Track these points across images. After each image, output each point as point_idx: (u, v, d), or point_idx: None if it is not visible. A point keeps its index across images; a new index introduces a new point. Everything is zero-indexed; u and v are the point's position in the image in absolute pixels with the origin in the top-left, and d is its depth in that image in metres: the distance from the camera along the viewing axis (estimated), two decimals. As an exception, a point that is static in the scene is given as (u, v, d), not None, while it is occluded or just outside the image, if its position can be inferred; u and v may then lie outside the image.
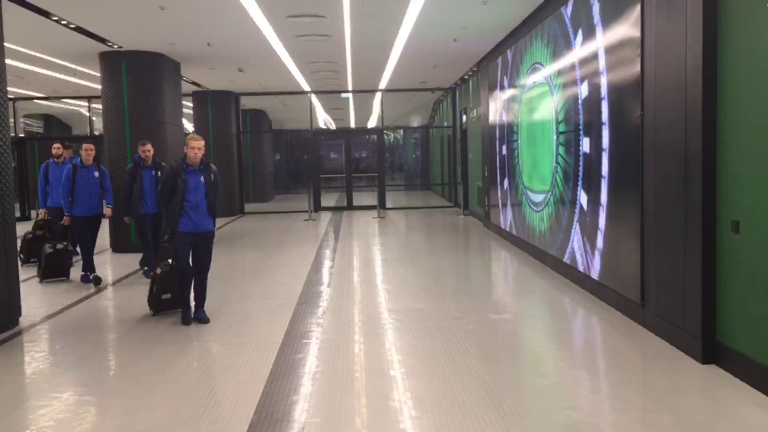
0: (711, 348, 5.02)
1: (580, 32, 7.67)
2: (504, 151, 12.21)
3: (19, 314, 6.89)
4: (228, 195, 18.47)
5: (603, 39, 6.97)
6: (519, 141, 11.00)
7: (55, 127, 24.30)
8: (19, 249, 9.46)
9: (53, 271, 9.23)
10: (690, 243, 5.20)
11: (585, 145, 7.61)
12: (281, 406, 4.48)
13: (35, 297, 8.18)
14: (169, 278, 6.87)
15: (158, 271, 6.93)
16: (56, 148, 10.28)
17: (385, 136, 30.39)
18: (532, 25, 9.79)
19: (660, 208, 5.75)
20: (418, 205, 20.57)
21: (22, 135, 21.66)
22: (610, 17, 6.77)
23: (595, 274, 7.31)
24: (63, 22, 9.47)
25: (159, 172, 8.61)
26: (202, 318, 6.66)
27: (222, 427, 4.15)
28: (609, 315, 6.64)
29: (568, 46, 8.12)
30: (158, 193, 6.82)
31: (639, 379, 4.95)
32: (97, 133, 18.94)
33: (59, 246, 9.21)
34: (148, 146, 9.01)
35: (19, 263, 8.61)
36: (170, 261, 6.86)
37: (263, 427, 4.14)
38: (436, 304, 7.30)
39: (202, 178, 6.49)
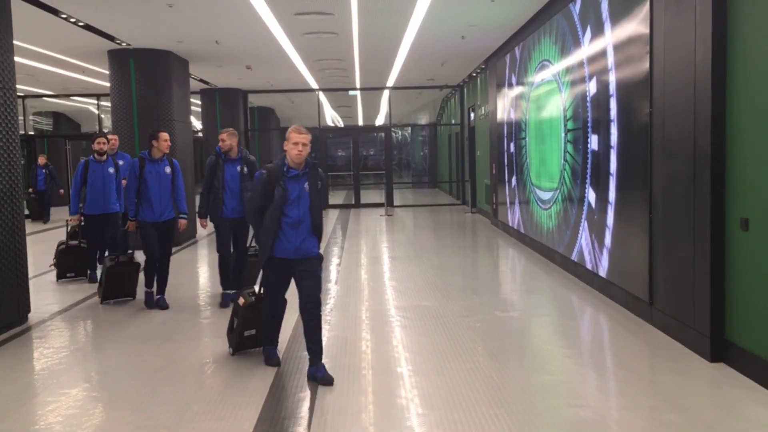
0: (720, 346, 5.00)
1: (588, 29, 7.64)
2: (512, 149, 12.19)
3: (28, 311, 6.92)
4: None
5: (612, 36, 6.94)
6: (527, 138, 10.97)
7: (64, 124, 24.40)
8: (53, 261, 9.12)
9: (117, 289, 7.57)
10: (699, 241, 5.18)
11: (593, 142, 7.58)
12: (288, 403, 4.48)
13: (44, 294, 8.21)
14: (254, 311, 5.41)
15: (241, 301, 5.45)
16: (101, 143, 8.50)
17: (393, 134, 30.36)
18: (540, 22, 9.76)
19: (669, 206, 5.72)
20: (426, 203, 20.54)
21: (31, 133, 21.77)
22: (618, 14, 6.73)
23: (603, 272, 7.28)
24: (72, 20, 9.49)
25: (246, 168, 7.13)
26: (323, 377, 4.81)
27: (229, 423, 4.16)
28: (617, 313, 6.61)
29: (577, 43, 8.09)
30: (247, 203, 5.29)
31: (647, 377, 4.93)
32: (105, 130, 19.01)
33: (123, 258, 7.58)
34: (225, 134, 7.16)
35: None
36: (257, 289, 5.45)
37: (270, 423, 4.14)
38: (443, 301, 7.30)
39: (306, 186, 4.89)
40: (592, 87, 7.59)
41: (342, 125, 31.60)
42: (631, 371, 4.99)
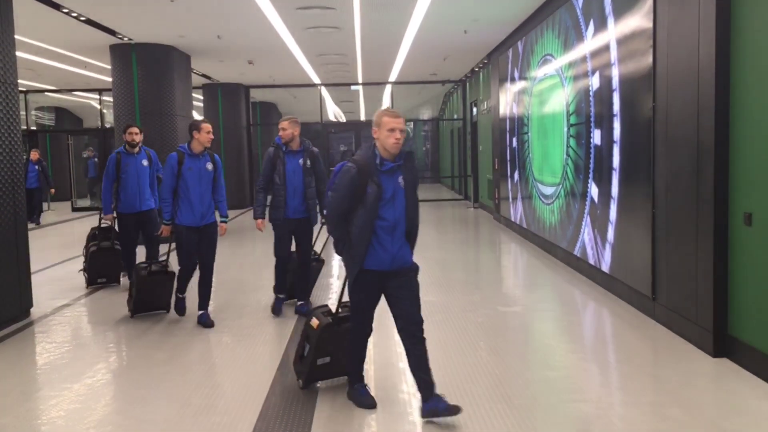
0: (722, 341, 4.98)
1: (591, 23, 7.61)
2: (514, 144, 12.16)
3: (31, 305, 6.93)
4: (238, 186, 18.54)
5: (615, 30, 6.91)
6: (529, 133, 10.95)
7: (67, 119, 24.41)
8: (83, 265, 8.23)
9: (149, 301, 6.68)
10: (702, 236, 5.16)
11: (596, 137, 7.56)
12: (291, 397, 4.48)
13: (47, 288, 8.22)
14: (330, 335, 4.44)
15: (314, 323, 4.47)
16: (134, 133, 7.71)
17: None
18: (543, 16, 9.72)
19: (672, 201, 5.71)
20: (428, 198, 20.52)
21: (33, 128, 21.78)
22: (622, 7, 6.70)
23: (605, 267, 7.27)
24: (73, 15, 9.48)
25: (309, 161, 6.37)
26: (447, 408, 3.96)
27: (231, 418, 4.16)
28: (619, 308, 6.60)
29: (580, 37, 8.06)
30: (330, 206, 4.13)
31: (649, 372, 4.92)
32: (108, 125, 19.02)
33: (155, 267, 6.63)
34: (286, 122, 6.36)
35: (84, 281, 8.10)
36: (332, 307, 4.56)
37: (272, 418, 4.14)
38: (445, 296, 7.29)
39: (401, 181, 4.07)
40: (595, 81, 7.56)
41: (344, 120, 31.57)
42: (633, 366, 4.98)
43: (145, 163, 7.73)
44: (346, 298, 4.39)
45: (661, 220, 5.91)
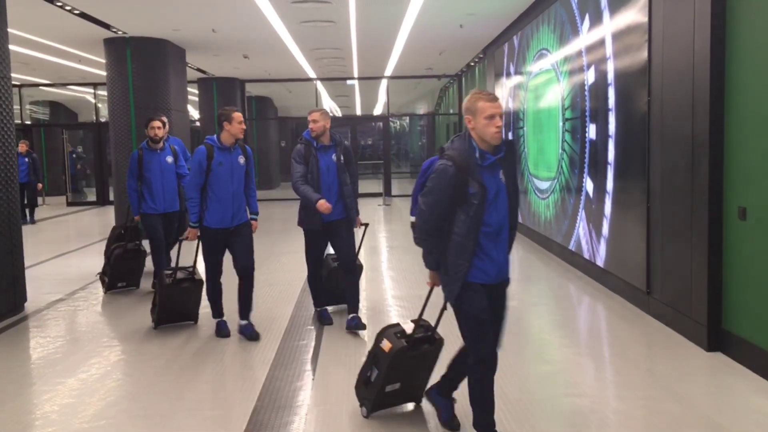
0: (716, 335, 4.99)
1: (587, 17, 7.60)
2: (510, 138, 12.15)
3: (25, 299, 6.91)
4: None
5: (610, 24, 6.90)
6: (525, 128, 10.94)
7: (61, 114, 24.32)
8: (102, 269, 7.58)
9: (175, 312, 6.07)
10: (696, 230, 5.16)
11: (591, 131, 7.56)
12: (284, 392, 4.48)
13: (41, 282, 8.20)
14: (404, 359, 3.88)
15: (386, 346, 3.87)
16: (156, 127, 7.03)
17: (391, 124, 30.28)
18: (538, 10, 9.71)
19: (666, 195, 5.71)
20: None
21: (28, 122, 21.69)
22: (617, 2, 6.69)
23: (600, 262, 7.27)
24: (67, 8, 9.43)
25: (343, 156, 5.79)
26: None
27: (225, 412, 4.15)
28: (614, 302, 6.61)
29: (575, 31, 8.05)
30: (422, 213, 3.44)
31: (644, 366, 4.93)
32: (103, 119, 18.95)
33: (182, 275, 5.96)
34: (317, 114, 5.77)
35: (101, 288, 7.54)
36: (406, 327, 3.98)
37: (266, 413, 4.14)
38: (440, 291, 7.27)
39: (502, 177, 3.45)
40: (590, 76, 7.55)
41: (340, 115, 31.52)
42: (628, 360, 4.99)
43: (169, 159, 7.07)
44: (423, 317, 3.96)
45: (656, 214, 5.91)
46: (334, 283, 6.13)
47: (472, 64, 16.52)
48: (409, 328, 3.93)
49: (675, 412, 4.00)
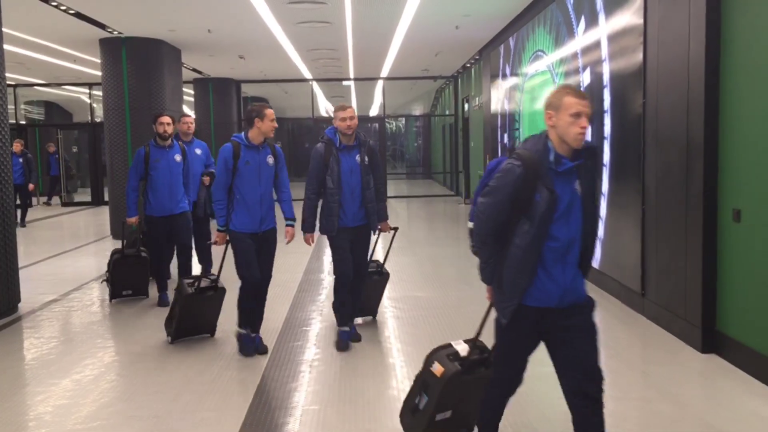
0: (711, 337, 5.00)
1: (582, 19, 7.61)
2: (506, 140, 12.16)
3: (18, 300, 6.88)
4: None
5: (606, 26, 6.91)
6: (521, 129, 10.96)
7: (56, 114, 24.26)
8: (105, 275, 7.16)
9: (194, 325, 5.62)
10: (691, 232, 5.17)
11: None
12: (279, 393, 4.47)
13: (35, 283, 8.17)
14: (458, 385, 3.42)
15: (437, 370, 3.42)
16: (165, 122, 6.61)
17: (387, 125, 30.31)
18: (534, 12, 9.72)
19: (661, 197, 5.72)
20: (420, 194, 20.51)
21: (23, 122, 21.63)
22: (613, 4, 6.70)
23: (595, 263, 7.28)
24: (62, 8, 9.40)
25: (367, 158, 5.31)
26: None
27: (220, 413, 4.14)
28: (609, 304, 6.62)
29: (571, 33, 8.06)
30: (481, 217, 3.03)
31: (638, 368, 4.93)
32: (98, 120, 18.90)
33: (204, 284, 5.45)
34: (352, 110, 5.28)
35: (107, 294, 7.12)
36: (459, 349, 3.53)
37: (261, 413, 4.13)
38: (436, 292, 7.29)
39: (577, 187, 2.98)
40: (585, 78, 7.57)
41: (336, 116, 31.51)
42: (623, 362, 5.00)
43: (178, 158, 6.64)
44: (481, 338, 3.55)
45: (651, 216, 5.92)
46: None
47: (468, 65, 16.54)
48: (462, 349, 3.50)
49: (669, 413, 4.01)
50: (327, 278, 8.22)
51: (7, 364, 5.27)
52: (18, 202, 13.56)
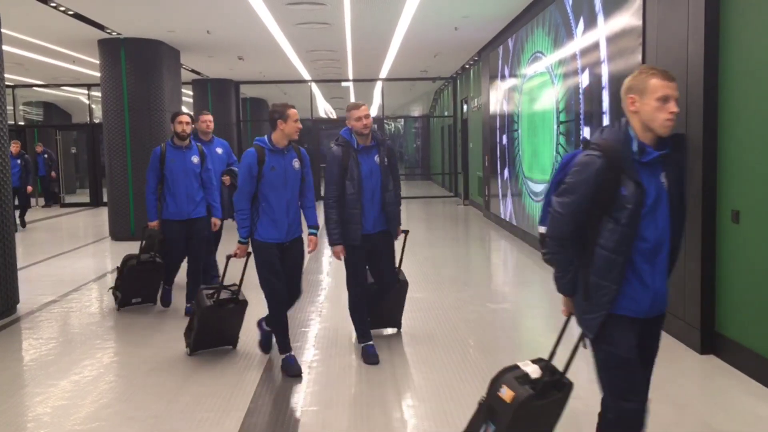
0: (710, 338, 5.00)
1: (581, 21, 7.62)
2: (504, 141, 12.17)
3: (17, 301, 6.87)
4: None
5: (605, 27, 6.92)
6: (519, 131, 10.96)
7: (55, 115, 24.25)
8: (115, 283, 6.81)
9: (214, 336, 5.31)
10: (690, 233, 5.17)
11: (586, 134, 7.57)
12: (279, 394, 4.47)
13: (33, 284, 8.16)
14: (531, 411, 3.03)
15: (507, 395, 3.00)
16: (185, 122, 6.28)
17: (386, 126, 30.30)
18: (533, 13, 9.73)
19: (660, 198, 5.72)
20: (418, 195, 20.52)
21: (21, 123, 21.61)
22: (611, 5, 6.71)
23: (594, 264, 7.27)
24: (61, 9, 9.40)
25: (387, 159, 5.02)
26: None
27: (218, 414, 4.14)
28: (608, 305, 6.61)
29: (570, 34, 8.07)
30: (557, 219, 2.72)
31: (637, 369, 4.93)
32: (96, 121, 18.89)
33: (226, 295, 5.17)
34: (366, 108, 4.96)
35: (114, 302, 6.78)
36: (527, 368, 3.12)
37: (260, 414, 4.13)
38: (435, 293, 7.29)
39: (663, 179, 2.72)
40: (584, 79, 7.57)
41: (335, 117, 31.53)
42: (621, 363, 4.99)
43: (195, 159, 6.29)
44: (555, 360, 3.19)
45: (650, 217, 5.92)
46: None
47: (467, 66, 16.54)
48: (532, 371, 3.11)
49: (668, 414, 4.01)
50: (326, 279, 8.22)
51: (5, 365, 5.26)
52: (16, 204, 13.11)
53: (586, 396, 4.36)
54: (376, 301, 5.26)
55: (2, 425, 4.08)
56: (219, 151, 7.05)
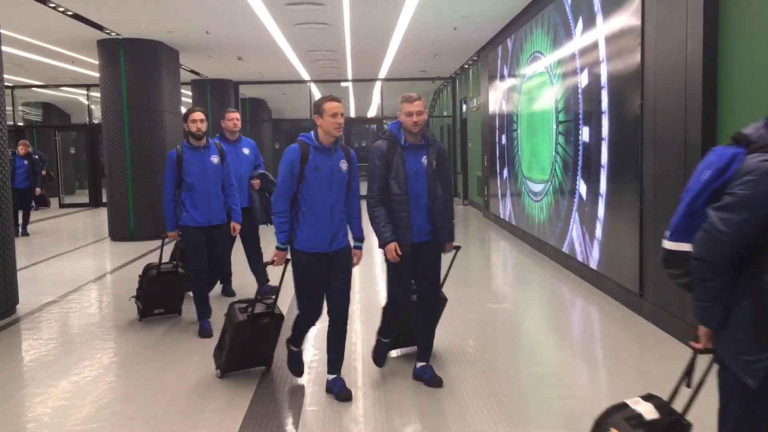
0: (709, 338, 5.00)
1: (580, 20, 7.62)
2: (504, 141, 12.18)
3: (17, 301, 6.87)
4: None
5: (604, 27, 6.92)
6: (519, 130, 10.97)
7: (54, 115, 24.24)
8: (136, 293, 6.41)
9: (247, 356, 4.84)
10: (689, 233, 5.18)
11: (584, 134, 7.58)
12: (278, 394, 4.47)
13: (33, 284, 8.16)
14: None
15: None
16: (198, 120, 5.71)
17: (385, 126, 30.34)
18: (532, 13, 9.74)
19: (659, 198, 5.73)
20: (418, 195, 20.49)
21: (20, 123, 21.60)
22: (610, 5, 6.72)
23: (593, 264, 7.29)
24: (60, 9, 9.40)
25: (436, 162, 4.47)
26: None
27: (218, 415, 4.14)
28: (607, 305, 6.63)
29: (569, 34, 8.07)
30: (715, 237, 2.23)
31: (637, 368, 4.94)
32: (96, 121, 18.89)
33: (260, 309, 4.70)
34: (421, 103, 4.37)
35: (137, 312, 6.37)
36: (633, 405, 2.70)
37: (260, 415, 4.13)
38: (434, 293, 7.27)
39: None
40: (583, 79, 7.58)
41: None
42: (621, 362, 5.01)
43: (215, 160, 5.79)
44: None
45: (649, 216, 5.93)
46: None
47: (466, 66, 16.55)
48: (646, 411, 2.66)
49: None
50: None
51: (5, 365, 5.26)
52: (22, 207, 12.83)
53: (585, 396, 4.37)
54: (419, 319, 4.67)
55: (3, 425, 4.08)
56: (246, 151, 6.68)
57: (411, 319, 4.68)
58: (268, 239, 5.35)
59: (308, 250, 4.21)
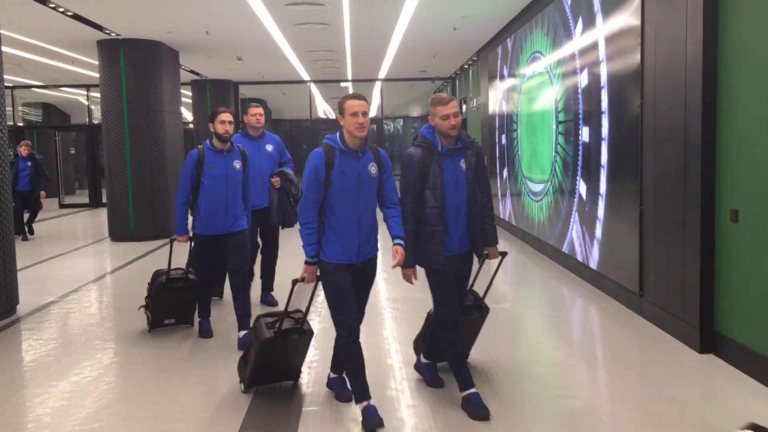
0: (709, 337, 5.01)
1: (580, 20, 7.62)
2: (503, 141, 12.18)
3: (17, 302, 6.88)
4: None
5: (603, 27, 6.93)
6: (518, 130, 10.97)
7: (54, 115, 24.23)
8: (146, 302, 6.00)
9: (273, 370, 4.55)
10: (689, 232, 5.18)
11: (584, 134, 7.58)
12: (278, 394, 4.47)
13: (33, 284, 8.16)
14: None
15: None
16: (227, 121, 5.39)
17: (385, 126, 30.30)
18: (532, 13, 9.74)
19: (659, 198, 5.73)
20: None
21: (20, 124, 21.60)
22: (610, 5, 6.72)
23: (593, 264, 7.29)
24: (60, 9, 9.40)
25: (478, 163, 4.23)
26: None
27: (218, 414, 4.14)
28: (607, 304, 6.63)
29: (568, 34, 8.07)
30: None
31: (636, 368, 4.94)
32: (96, 121, 18.89)
33: (289, 324, 4.35)
34: (452, 107, 3.99)
35: (146, 323, 6.01)
36: None
37: (260, 415, 4.13)
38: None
39: None
40: (583, 79, 7.58)
41: (334, 117, 31.53)
42: (621, 363, 5.01)
43: (237, 165, 5.42)
44: None
45: (649, 216, 5.93)
46: None
47: (466, 66, 16.55)
48: None
49: (667, 413, 4.02)
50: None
51: (5, 365, 5.27)
52: (26, 210, 12.50)
53: (585, 396, 4.37)
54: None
55: (3, 426, 4.08)
56: (269, 148, 6.40)
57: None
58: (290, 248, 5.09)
59: (334, 262, 3.90)
